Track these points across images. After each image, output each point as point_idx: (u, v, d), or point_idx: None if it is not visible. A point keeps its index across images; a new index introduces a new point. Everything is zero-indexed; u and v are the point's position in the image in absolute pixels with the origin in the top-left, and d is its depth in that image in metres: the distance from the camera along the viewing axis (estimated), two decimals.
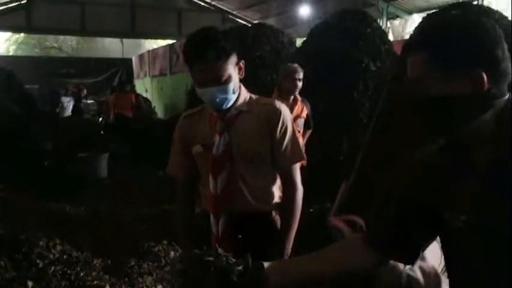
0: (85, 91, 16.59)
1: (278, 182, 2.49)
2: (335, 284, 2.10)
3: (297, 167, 2.50)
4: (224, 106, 2.30)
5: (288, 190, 2.46)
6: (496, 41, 1.28)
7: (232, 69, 2.27)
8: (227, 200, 2.35)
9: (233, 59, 2.27)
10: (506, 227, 1.21)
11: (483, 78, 1.26)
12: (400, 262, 1.59)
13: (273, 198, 2.46)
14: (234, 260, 1.56)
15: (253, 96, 2.47)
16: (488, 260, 1.27)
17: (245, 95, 2.42)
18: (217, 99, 2.26)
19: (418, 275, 2.14)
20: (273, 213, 2.48)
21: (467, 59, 1.27)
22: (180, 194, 2.59)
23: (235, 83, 2.29)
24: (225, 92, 2.25)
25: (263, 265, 1.57)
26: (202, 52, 2.20)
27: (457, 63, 1.27)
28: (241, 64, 2.34)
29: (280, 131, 2.37)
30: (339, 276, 1.97)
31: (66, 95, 16.44)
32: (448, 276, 1.45)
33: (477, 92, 1.26)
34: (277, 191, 2.48)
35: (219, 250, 1.59)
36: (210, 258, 1.54)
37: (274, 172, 2.46)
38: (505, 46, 1.29)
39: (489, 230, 1.24)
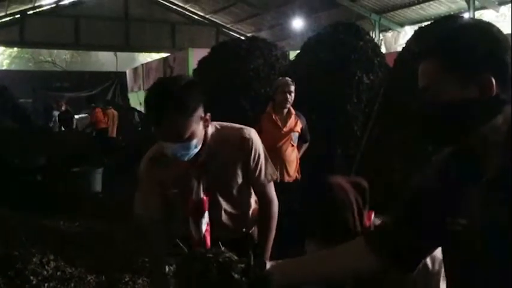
0: (63, 105, 16.53)
1: (253, 195, 2.56)
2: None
3: (271, 185, 2.53)
4: (186, 159, 2.20)
5: (264, 206, 2.53)
6: (504, 46, 1.28)
7: (196, 125, 2.13)
8: (210, 237, 2.32)
9: (197, 114, 2.13)
10: (507, 233, 1.20)
11: (492, 82, 1.25)
12: (398, 269, 1.57)
13: (248, 222, 2.54)
14: (236, 257, 1.56)
15: (218, 126, 2.38)
16: (484, 264, 1.27)
17: (212, 130, 2.32)
18: (178, 155, 2.16)
19: None
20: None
21: (476, 64, 1.27)
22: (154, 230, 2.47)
23: (198, 137, 2.17)
24: (187, 148, 2.14)
25: (265, 263, 1.57)
26: (161, 110, 2.06)
27: (466, 69, 1.27)
28: (207, 117, 2.21)
29: (254, 159, 2.38)
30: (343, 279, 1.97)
31: (57, 109, 16.41)
32: (446, 279, 1.45)
33: (486, 97, 1.26)
34: (253, 203, 2.56)
35: (222, 248, 1.59)
36: (211, 255, 1.54)
37: (250, 196, 2.53)
38: None
39: (492, 235, 1.24)
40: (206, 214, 2.29)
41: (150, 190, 2.42)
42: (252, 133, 2.39)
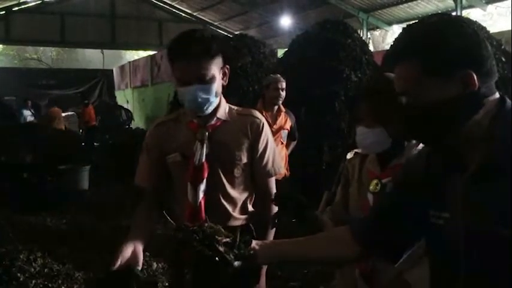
0: (29, 102, 16.48)
1: (252, 196, 2.46)
2: None
3: (273, 179, 2.48)
4: (205, 108, 2.20)
5: (265, 202, 2.43)
6: (478, 40, 1.30)
7: (217, 71, 2.18)
8: (207, 210, 2.25)
9: (218, 60, 2.19)
10: (488, 226, 1.22)
11: (473, 77, 1.26)
12: (382, 260, 1.60)
13: (247, 211, 2.42)
14: (224, 231, 1.56)
15: (233, 106, 2.41)
16: (465, 257, 1.28)
17: (225, 105, 2.35)
18: (199, 99, 2.15)
19: None
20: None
21: (456, 61, 1.28)
22: (144, 203, 2.37)
23: (218, 85, 2.20)
24: (208, 92, 2.16)
25: (251, 240, 1.58)
26: (186, 48, 2.14)
27: (447, 68, 1.28)
28: (226, 69, 2.26)
29: (262, 144, 2.34)
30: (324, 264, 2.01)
31: (26, 108, 16.37)
32: (430, 271, 1.46)
33: (469, 93, 1.27)
34: (249, 204, 2.44)
35: (207, 224, 1.57)
36: (195, 228, 1.53)
37: (251, 184, 2.42)
38: (488, 45, 1.31)
39: (472, 228, 1.26)
40: (204, 182, 2.25)
41: (148, 159, 2.39)
42: (264, 120, 2.39)
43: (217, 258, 1.49)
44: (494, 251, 1.22)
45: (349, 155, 2.21)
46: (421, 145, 2.04)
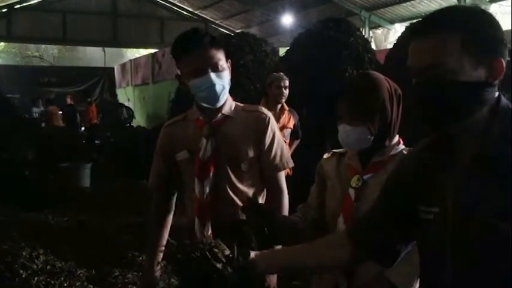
0: (40, 101, 16.50)
1: (263, 192, 2.46)
2: None
3: (283, 174, 2.49)
4: (221, 97, 2.25)
5: (275, 197, 2.44)
6: (504, 33, 1.27)
7: (225, 61, 2.27)
8: (214, 204, 2.29)
9: (223, 53, 2.28)
10: (478, 219, 1.21)
11: (503, 67, 1.24)
12: (377, 263, 1.60)
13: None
14: (223, 246, 1.55)
15: (239, 104, 2.44)
16: (453, 254, 1.27)
17: (231, 102, 2.38)
18: (216, 86, 2.21)
19: None
20: None
21: (495, 45, 1.25)
22: (157, 205, 2.53)
23: (228, 76, 2.27)
24: (223, 79, 2.23)
25: (249, 253, 1.57)
26: (197, 39, 2.22)
27: (486, 48, 1.24)
28: (229, 63, 2.32)
29: (268, 137, 2.35)
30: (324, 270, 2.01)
31: (36, 105, 16.38)
32: (420, 270, 1.45)
33: (493, 81, 1.25)
34: (262, 201, 2.44)
35: (205, 240, 1.58)
36: (192, 247, 1.53)
37: (261, 179, 2.42)
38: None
39: (461, 224, 1.25)
40: (211, 176, 2.28)
41: (159, 161, 2.46)
42: (270, 115, 2.42)
43: (214, 276, 1.49)
44: (484, 244, 1.21)
45: (325, 155, 2.22)
46: (401, 145, 2.05)
